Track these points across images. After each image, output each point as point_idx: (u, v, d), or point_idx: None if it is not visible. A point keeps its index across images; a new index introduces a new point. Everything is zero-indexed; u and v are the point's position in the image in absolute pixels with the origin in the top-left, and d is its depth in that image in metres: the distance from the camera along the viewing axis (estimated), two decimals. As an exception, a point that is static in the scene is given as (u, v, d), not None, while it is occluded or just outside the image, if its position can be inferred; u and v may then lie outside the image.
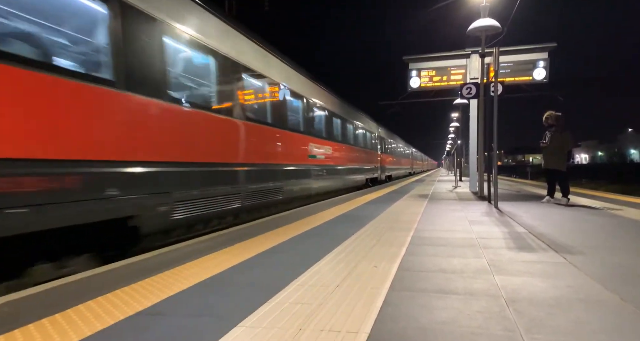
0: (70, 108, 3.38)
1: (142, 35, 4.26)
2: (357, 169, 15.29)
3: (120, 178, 3.85)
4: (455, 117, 31.07)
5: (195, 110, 5.09)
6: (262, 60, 7.30)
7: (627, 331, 1.79)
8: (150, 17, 4.38)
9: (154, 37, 4.45)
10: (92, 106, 3.58)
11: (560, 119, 7.43)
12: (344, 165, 13.34)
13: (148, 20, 4.34)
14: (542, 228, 4.63)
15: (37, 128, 3.09)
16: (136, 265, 3.12)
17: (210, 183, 5.29)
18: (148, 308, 2.14)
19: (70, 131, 3.37)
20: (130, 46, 4.07)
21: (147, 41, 4.33)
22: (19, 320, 1.98)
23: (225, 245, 3.84)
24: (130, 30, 4.07)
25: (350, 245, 3.74)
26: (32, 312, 2.10)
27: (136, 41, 4.17)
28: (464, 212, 6.35)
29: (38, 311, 2.11)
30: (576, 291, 2.34)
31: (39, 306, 2.20)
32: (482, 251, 3.45)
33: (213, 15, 5.73)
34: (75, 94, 3.41)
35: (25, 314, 2.08)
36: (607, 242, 3.87)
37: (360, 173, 15.73)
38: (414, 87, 12.13)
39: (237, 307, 2.13)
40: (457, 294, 2.30)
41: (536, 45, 11.20)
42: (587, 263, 2.98)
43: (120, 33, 3.95)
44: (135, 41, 4.16)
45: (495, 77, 7.14)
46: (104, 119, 3.71)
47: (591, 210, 6.54)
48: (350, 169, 14.06)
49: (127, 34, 4.04)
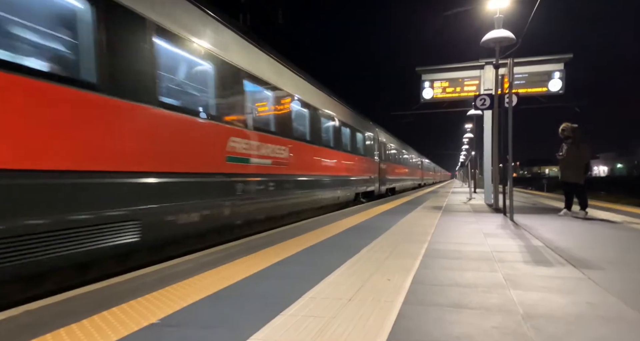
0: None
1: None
2: (339, 180, 11.20)
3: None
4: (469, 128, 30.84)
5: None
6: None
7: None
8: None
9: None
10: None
11: (577, 131, 7.32)
12: (312, 174, 9.10)
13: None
14: (559, 242, 4.54)
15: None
16: (150, 276, 3.15)
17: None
18: (162, 319, 2.15)
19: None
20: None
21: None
22: (37, 330, 2.02)
23: (238, 256, 3.85)
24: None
25: (364, 257, 3.71)
26: (49, 322, 2.13)
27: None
28: (478, 225, 6.26)
29: (55, 321, 2.14)
30: (595, 307, 2.28)
31: (56, 316, 2.23)
32: (498, 265, 3.40)
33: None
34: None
35: (42, 324, 2.11)
36: (627, 256, 3.77)
37: (343, 186, 11.60)
38: (427, 98, 12.10)
39: (250, 319, 2.13)
40: (472, 309, 2.26)
41: (552, 56, 11.10)
42: (607, 279, 2.90)
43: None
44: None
45: (509, 88, 7.08)
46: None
47: (610, 223, 6.38)
48: (323, 180, 9.89)
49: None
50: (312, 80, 10.22)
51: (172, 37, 4.75)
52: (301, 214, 8.89)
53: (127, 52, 4.08)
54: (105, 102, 3.75)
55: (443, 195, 17.23)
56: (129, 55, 4.10)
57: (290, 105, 8.14)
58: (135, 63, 4.15)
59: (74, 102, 3.45)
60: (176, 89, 4.99)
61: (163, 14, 4.58)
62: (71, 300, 2.53)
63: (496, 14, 8.75)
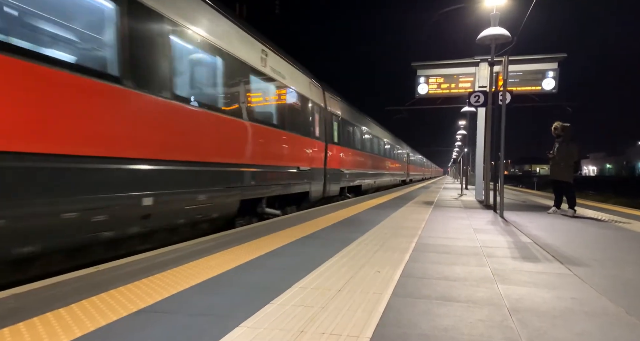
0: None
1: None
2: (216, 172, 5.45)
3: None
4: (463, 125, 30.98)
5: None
6: None
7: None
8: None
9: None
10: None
11: (567, 129, 7.39)
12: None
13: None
14: (547, 238, 4.60)
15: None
16: (140, 263, 3.13)
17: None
18: (150, 306, 2.15)
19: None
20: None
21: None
22: (24, 314, 2.00)
23: (229, 246, 3.85)
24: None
25: (354, 250, 3.73)
26: (37, 306, 2.12)
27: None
28: (468, 220, 6.32)
29: (43, 306, 2.12)
30: (581, 303, 2.32)
31: (44, 300, 2.22)
32: (486, 259, 3.43)
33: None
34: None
35: (30, 308, 2.09)
36: (613, 254, 3.83)
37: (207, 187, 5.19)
38: (422, 94, 12.12)
39: (239, 307, 2.14)
40: (460, 302, 2.29)
41: (546, 55, 11.17)
42: (593, 275, 2.95)
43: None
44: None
45: (504, 85, 7.12)
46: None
47: (598, 222, 6.48)
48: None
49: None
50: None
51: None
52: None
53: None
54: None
55: (434, 191, 17.34)
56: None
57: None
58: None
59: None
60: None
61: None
62: (60, 284, 2.52)
63: (492, 12, 8.75)
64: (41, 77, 3.08)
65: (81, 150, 3.38)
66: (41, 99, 3.07)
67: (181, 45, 4.99)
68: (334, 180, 11.22)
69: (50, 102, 3.14)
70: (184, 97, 4.90)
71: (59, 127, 3.21)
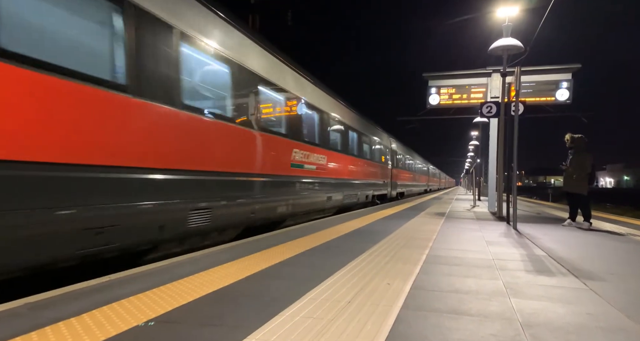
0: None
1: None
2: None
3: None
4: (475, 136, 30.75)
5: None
6: None
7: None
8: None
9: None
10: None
11: (578, 141, 7.29)
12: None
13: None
14: (562, 252, 4.51)
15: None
16: (151, 273, 3.16)
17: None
18: (161, 316, 2.16)
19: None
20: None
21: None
22: (37, 322, 2.03)
23: (240, 256, 3.86)
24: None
25: (364, 261, 3.71)
26: (49, 315, 2.15)
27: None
28: (481, 232, 6.23)
29: (55, 315, 2.15)
30: (596, 318, 2.26)
31: (56, 309, 2.25)
32: (499, 272, 3.38)
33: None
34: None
35: (42, 316, 2.12)
36: (629, 268, 3.74)
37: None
38: (433, 104, 12.08)
39: (249, 318, 2.14)
40: (471, 315, 2.25)
41: (560, 66, 11.06)
42: (609, 290, 2.88)
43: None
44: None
45: (516, 96, 7.07)
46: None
47: (614, 235, 6.33)
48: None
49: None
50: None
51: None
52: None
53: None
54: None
55: (447, 201, 17.18)
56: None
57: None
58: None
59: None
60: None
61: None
62: (71, 294, 2.55)
63: (505, 23, 8.74)
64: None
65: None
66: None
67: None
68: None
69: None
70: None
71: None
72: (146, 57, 4.05)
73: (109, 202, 3.52)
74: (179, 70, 4.53)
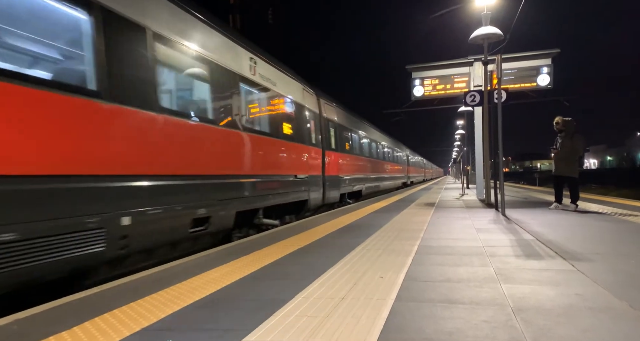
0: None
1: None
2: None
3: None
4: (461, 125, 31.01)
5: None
6: None
7: (637, 339, 1.77)
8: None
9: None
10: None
11: (569, 123, 7.39)
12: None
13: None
14: (550, 235, 4.59)
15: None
16: (142, 281, 3.13)
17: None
18: (154, 324, 2.14)
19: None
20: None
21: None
22: (28, 339, 2.00)
23: (229, 259, 3.84)
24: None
25: (357, 256, 3.73)
26: (39, 330, 2.11)
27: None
28: (470, 220, 6.31)
29: (45, 329, 2.12)
30: (585, 299, 2.31)
31: (46, 323, 2.22)
32: (489, 259, 3.43)
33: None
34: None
35: (33, 332, 2.09)
36: (616, 248, 3.82)
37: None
38: (418, 96, 12.17)
39: (243, 320, 2.13)
40: (464, 304, 2.28)
41: (539, 51, 11.22)
42: (596, 271, 2.94)
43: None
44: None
45: (498, 84, 7.15)
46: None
47: (600, 215, 6.47)
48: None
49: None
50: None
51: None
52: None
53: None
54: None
55: (436, 191, 17.32)
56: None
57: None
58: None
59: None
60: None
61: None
62: (62, 307, 2.51)
63: (483, 11, 8.81)
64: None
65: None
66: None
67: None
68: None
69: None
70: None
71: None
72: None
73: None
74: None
